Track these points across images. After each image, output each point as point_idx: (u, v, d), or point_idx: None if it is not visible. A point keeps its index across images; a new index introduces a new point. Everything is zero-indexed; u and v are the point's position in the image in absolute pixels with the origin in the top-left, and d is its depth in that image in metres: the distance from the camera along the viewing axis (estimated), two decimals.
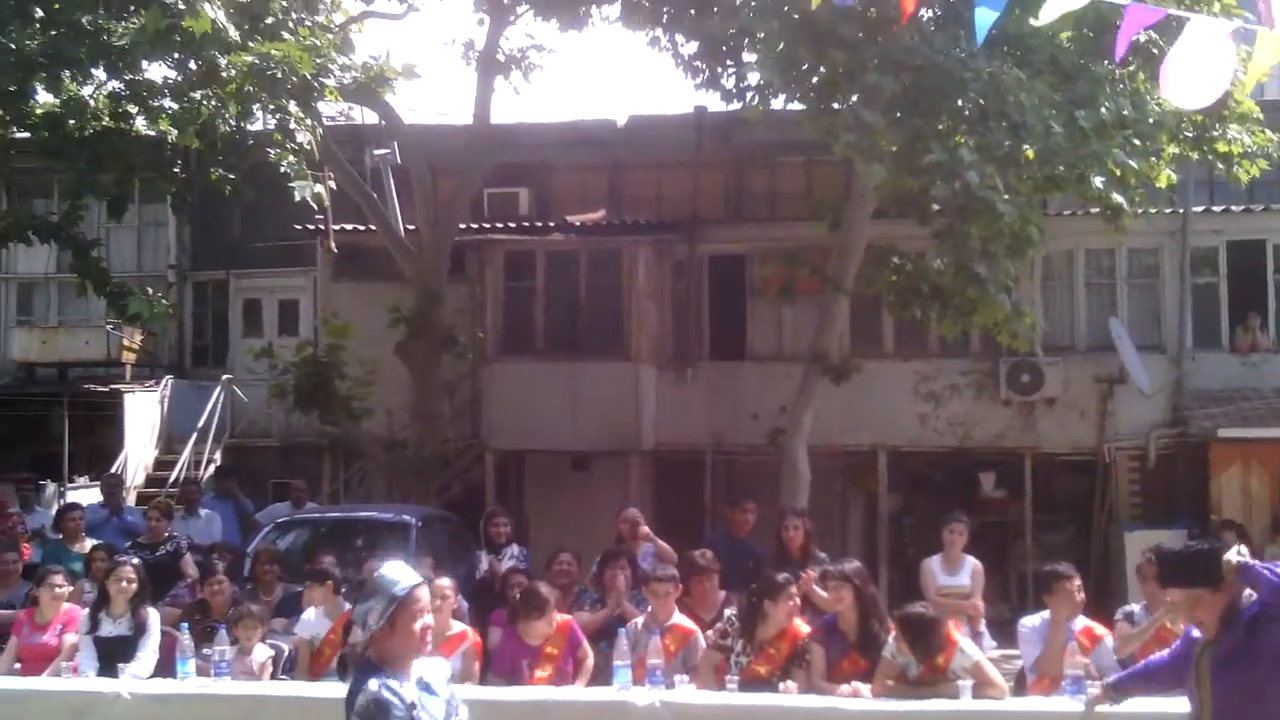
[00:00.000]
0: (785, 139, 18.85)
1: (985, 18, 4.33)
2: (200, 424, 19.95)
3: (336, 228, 18.80)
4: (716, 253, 19.93)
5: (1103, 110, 13.46)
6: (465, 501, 17.02)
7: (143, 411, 20.35)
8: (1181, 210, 18.94)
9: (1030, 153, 12.86)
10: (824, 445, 17.70)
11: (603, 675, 7.87)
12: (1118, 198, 13.57)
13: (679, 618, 8.14)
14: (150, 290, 13.44)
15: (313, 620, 8.60)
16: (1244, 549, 5.10)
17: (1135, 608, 7.92)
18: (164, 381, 21.16)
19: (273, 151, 11.99)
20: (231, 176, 12.90)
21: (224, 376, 20.99)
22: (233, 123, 11.90)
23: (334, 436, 18.21)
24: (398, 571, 4.35)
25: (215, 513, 13.99)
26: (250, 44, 11.45)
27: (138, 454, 19.93)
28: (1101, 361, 18.92)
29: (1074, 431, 19.01)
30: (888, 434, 19.11)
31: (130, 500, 18.33)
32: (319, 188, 12.35)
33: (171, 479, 18.84)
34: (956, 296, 14.85)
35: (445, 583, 8.17)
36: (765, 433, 18.52)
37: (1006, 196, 12.79)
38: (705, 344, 19.77)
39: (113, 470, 17.75)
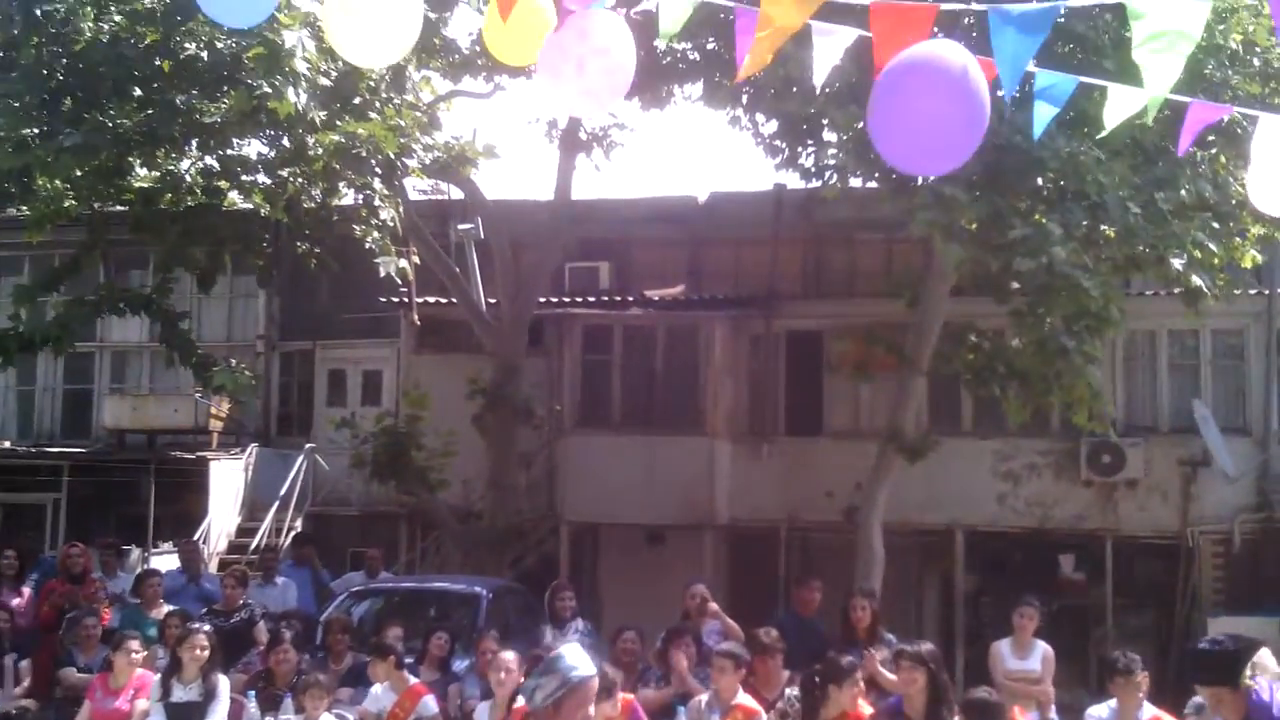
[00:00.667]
0: (864, 216, 18.87)
1: (1045, 112, 4.34)
2: (283, 492, 20.27)
3: (420, 300, 19.13)
4: (794, 328, 19.98)
5: (1183, 191, 13.39)
6: (540, 573, 17.08)
7: (227, 478, 20.72)
8: (1267, 291, 18.67)
9: (1110, 232, 12.81)
10: (900, 524, 17.56)
11: None
12: (1197, 280, 13.44)
13: (743, 697, 8.11)
14: (234, 361, 13.77)
15: (379, 694, 8.70)
16: (1266, 662, 5.02)
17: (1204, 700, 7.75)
18: (249, 449, 21.55)
19: (358, 228, 12.30)
20: (318, 250, 13.23)
21: (307, 445, 21.34)
22: (319, 198, 12.23)
23: (411, 506, 18.42)
24: (576, 657, 4.26)
25: (291, 580, 14.19)
26: (338, 123, 11.80)
27: (221, 520, 20.27)
28: (1184, 443, 18.62)
29: (1156, 514, 18.70)
30: (965, 513, 18.93)
31: (213, 566, 18.69)
32: (403, 263, 12.62)
33: (253, 546, 19.14)
34: (1034, 375, 14.74)
35: (509, 656, 8.23)
36: (840, 510, 18.40)
37: (1089, 274, 12.72)
38: (781, 419, 19.78)
39: (195, 537, 18.09)
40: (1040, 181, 13.23)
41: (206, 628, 9.03)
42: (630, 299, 19.89)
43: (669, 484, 18.15)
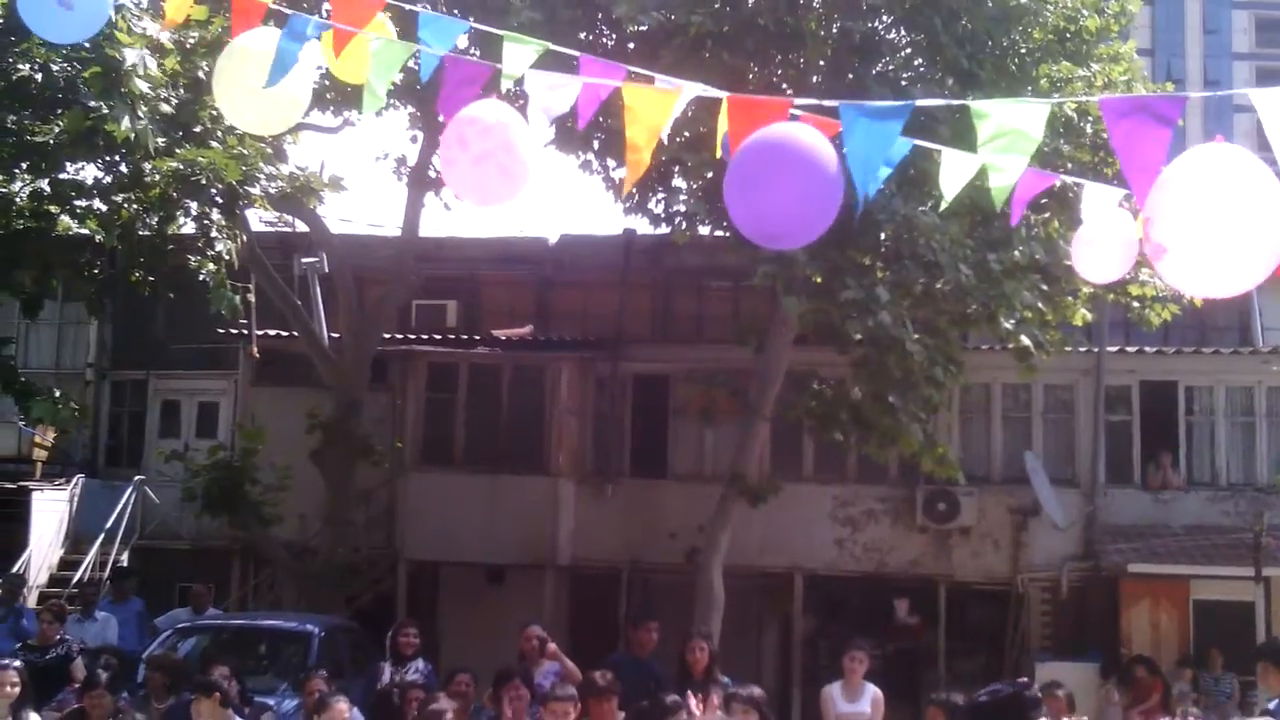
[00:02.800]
0: (713, 264, 19.16)
1: (870, 175, 4.41)
2: (109, 524, 19.60)
3: (260, 332, 18.75)
4: (640, 372, 20.09)
5: (1015, 253, 13.87)
6: (378, 612, 16.81)
7: (50, 510, 19.96)
8: (1096, 349, 19.37)
9: (943, 291, 13.20)
10: (741, 566, 17.76)
11: None
12: (1025, 339, 13.90)
13: None
14: (57, 392, 13.23)
15: None
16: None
17: None
18: (75, 480, 20.80)
19: (193, 259, 11.96)
20: (152, 279, 12.85)
21: (137, 477, 20.69)
22: (155, 226, 11.88)
23: (243, 541, 17.96)
24: None
25: (112, 616, 13.70)
26: (177, 150, 11.51)
27: (42, 553, 19.51)
28: (1016, 493, 19.16)
29: (988, 561, 19.20)
30: (804, 557, 19.21)
31: (33, 600, 17.96)
32: (237, 299, 12.30)
33: (75, 579, 18.43)
34: (875, 424, 15.09)
35: (342, 706, 8.08)
36: (682, 552, 18.50)
37: (917, 336, 13.10)
38: (626, 461, 19.83)
39: (14, 569, 17.37)
40: (878, 239, 13.57)
41: (17, 663, 8.64)
42: (477, 338, 19.80)
43: (511, 523, 18.05)
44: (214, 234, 11.63)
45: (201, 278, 11.80)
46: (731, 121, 4.43)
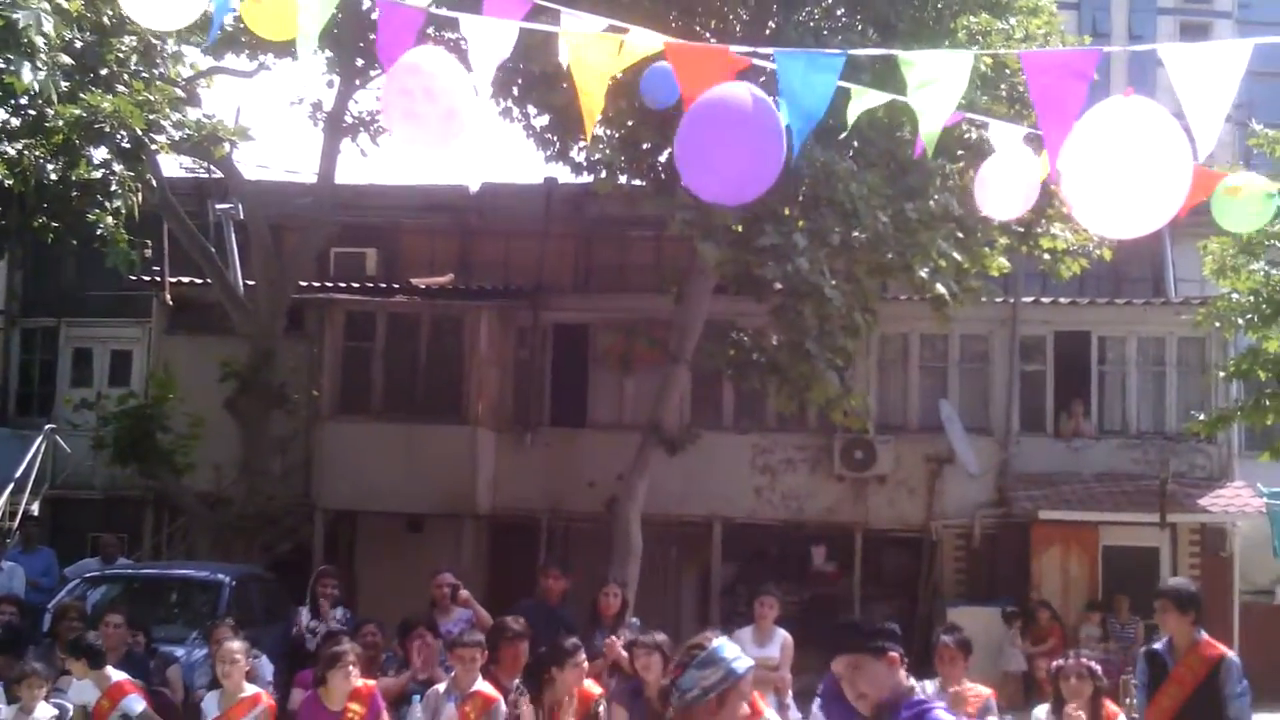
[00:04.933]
0: (635, 213, 19.05)
1: (806, 123, 4.43)
2: (19, 473, 19.23)
3: (173, 280, 18.44)
4: (561, 321, 20.04)
5: (931, 203, 13.96)
6: (295, 562, 16.67)
7: None
8: (1012, 300, 19.60)
9: (861, 238, 13.26)
10: (660, 515, 17.85)
11: None
12: (940, 288, 14.01)
13: (481, 685, 8.04)
14: None
15: (83, 686, 8.32)
16: None
17: (930, 685, 7.93)
18: None
19: (92, 212, 11.64)
20: (55, 225, 12.54)
21: (47, 426, 20.30)
22: (58, 172, 11.58)
23: (156, 491, 17.71)
24: (734, 649, 4.05)
25: (19, 566, 13.50)
26: (81, 95, 11.22)
27: None
28: (932, 442, 19.39)
29: (903, 509, 19.44)
30: (723, 506, 19.34)
31: None
32: (134, 254, 12.00)
33: None
34: (792, 372, 15.18)
35: (235, 645, 8.02)
36: (602, 500, 18.54)
37: (835, 283, 13.15)
38: (546, 411, 19.82)
39: None
40: (798, 188, 13.59)
41: None
42: (396, 286, 19.61)
43: (429, 472, 17.97)
44: (114, 187, 11.34)
45: (100, 231, 11.51)
46: (676, 67, 4.45)
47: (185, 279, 18.95)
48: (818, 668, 10.77)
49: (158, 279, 18.48)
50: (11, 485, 19.08)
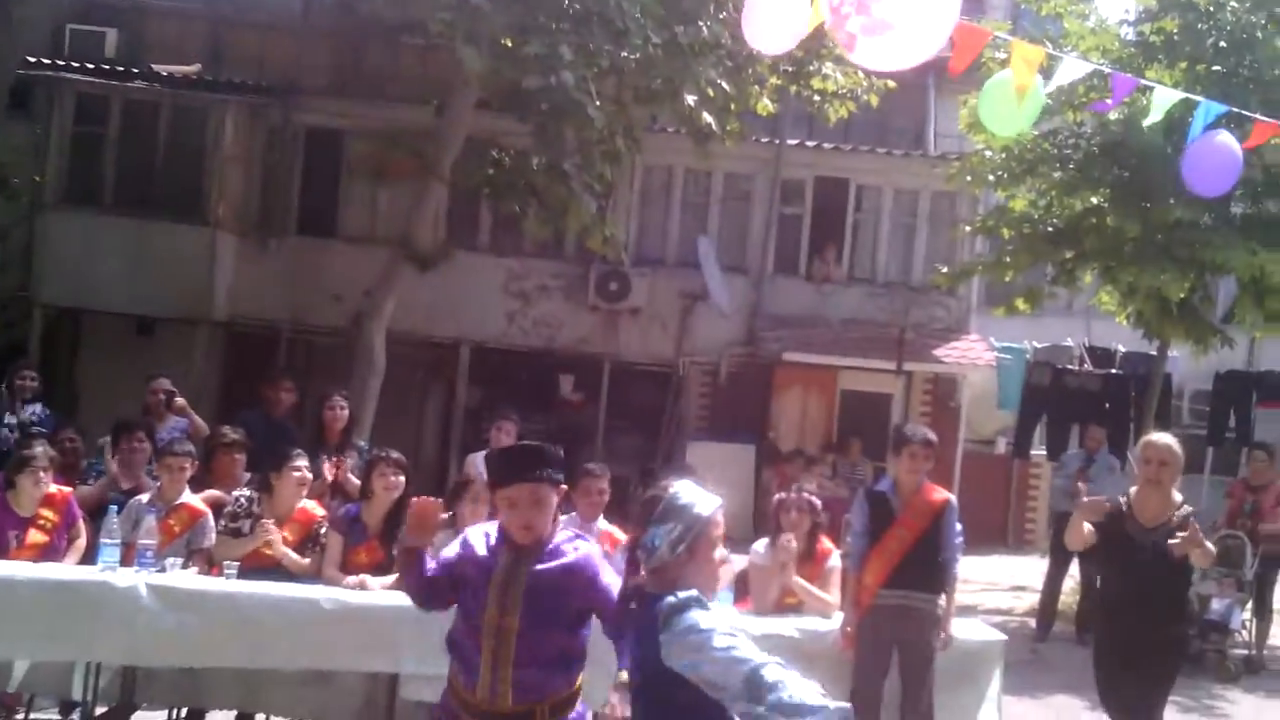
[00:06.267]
0: (407, 17, 18.08)
1: None
2: None
3: None
4: (315, 125, 19.06)
5: (704, 30, 13.61)
6: (10, 360, 15.60)
7: None
8: (777, 142, 19.56)
9: (631, 60, 12.85)
10: (407, 333, 17.42)
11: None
12: (707, 118, 13.77)
13: (189, 497, 7.60)
14: None
15: None
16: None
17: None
18: None
19: None
20: None
21: None
22: None
23: None
24: (694, 493, 3.64)
25: None
26: None
27: None
28: (688, 277, 19.40)
29: (654, 343, 19.49)
30: (473, 328, 19.03)
31: None
32: None
33: None
34: (549, 195, 14.79)
35: None
36: (347, 314, 17.91)
37: (599, 104, 12.73)
38: (293, 218, 18.94)
39: None
40: (565, 1, 13.05)
41: None
42: (136, 70, 18.21)
43: (164, 273, 17.01)
44: None
45: None
46: None
47: None
48: None
49: None
50: None
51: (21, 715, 7.31)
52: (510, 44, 13.06)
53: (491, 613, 4.17)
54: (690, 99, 13.44)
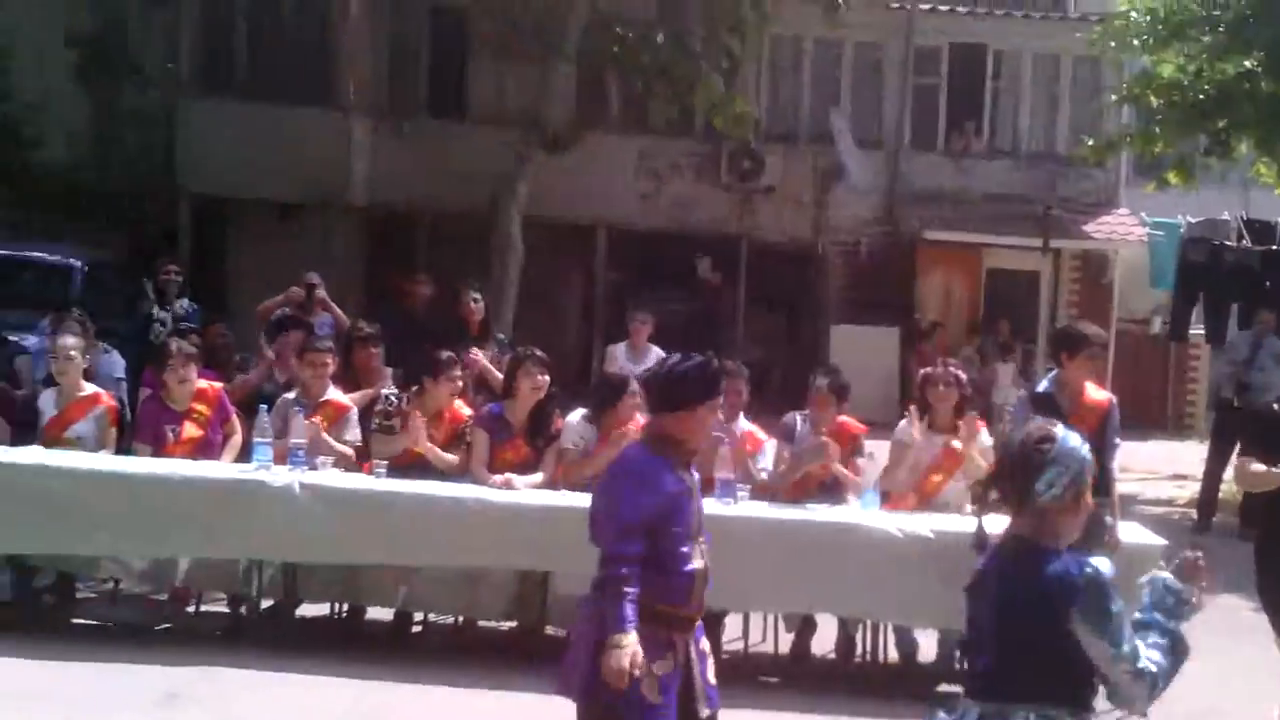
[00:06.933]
0: None
1: None
2: None
3: None
4: (438, 2, 18.77)
5: None
6: (162, 250, 15.88)
7: None
8: (908, 7, 18.83)
9: None
10: (543, 217, 17.24)
11: None
12: None
13: (333, 393, 7.66)
14: None
15: None
16: None
17: (798, 417, 7.63)
18: None
19: None
20: None
21: None
22: None
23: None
24: (1075, 437, 3.59)
25: None
26: None
27: None
28: (823, 154, 18.96)
29: (791, 222, 19.13)
30: (608, 211, 18.81)
31: None
32: None
33: None
34: (677, 73, 14.48)
35: (69, 341, 7.47)
36: (483, 198, 17.86)
37: None
38: (423, 98, 18.81)
39: None
40: None
41: None
42: None
43: (301, 159, 17.04)
44: None
45: None
46: None
47: None
48: None
49: None
50: None
51: (192, 608, 7.53)
52: None
53: (697, 526, 4.29)
54: None
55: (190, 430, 7.50)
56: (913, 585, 6.44)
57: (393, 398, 7.57)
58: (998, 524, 3.59)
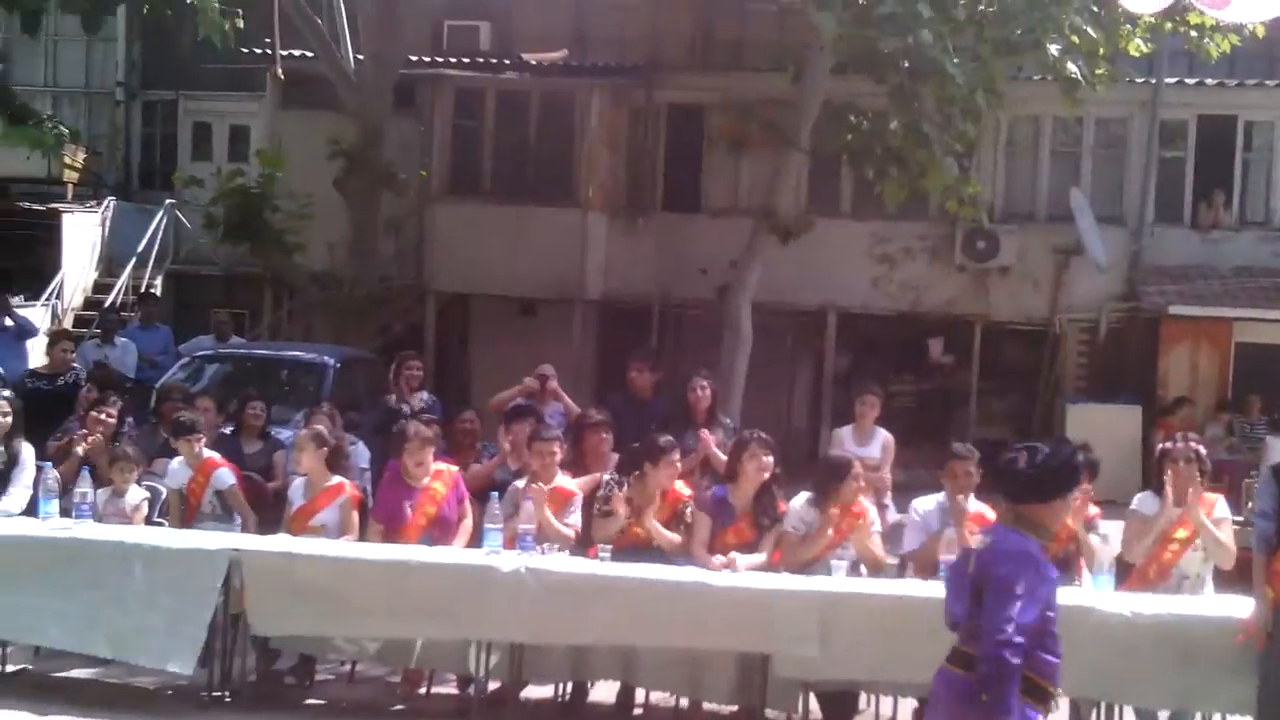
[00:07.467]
0: None
1: None
2: (141, 248, 19.50)
3: (284, 53, 18.06)
4: (676, 100, 19.40)
5: None
6: (409, 344, 16.71)
7: (82, 232, 19.78)
8: (1153, 81, 18.40)
9: (986, 14, 12.40)
10: (773, 303, 17.50)
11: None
12: (1072, 67, 13.10)
13: (562, 479, 7.95)
14: (49, 112, 12.86)
15: (177, 469, 8.40)
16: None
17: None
18: (106, 202, 20.61)
19: None
20: None
21: (168, 200, 20.47)
22: None
23: (271, 270, 17.78)
24: None
25: (132, 343, 13.72)
26: None
27: (76, 276, 19.47)
28: (1060, 232, 18.58)
29: (1026, 301, 18.77)
30: (838, 295, 18.88)
31: (68, 323, 18.17)
32: (226, 24, 11.67)
33: (107, 303, 18.46)
34: (909, 158, 14.52)
35: (305, 434, 8.05)
36: (714, 288, 18.18)
37: (957, 60, 12.34)
38: (659, 194, 19.37)
39: (48, 291, 17.51)
40: None
41: (6, 393, 8.54)
42: (506, 61, 19.08)
43: (540, 256, 17.78)
44: None
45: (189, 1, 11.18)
46: None
47: (297, 52, 18.58)
48: (926, 462, 10.57)
49: (269, 52, 18.13)
50: (134, 260, 19.40)
51: (424, 689, 7.87)
52: (864, 4, 12.86)
53: None
54: (1054, 48, 12.82)
55: (426, 508, 7.89)
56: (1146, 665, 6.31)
57: (612, 482, 7.81)
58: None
